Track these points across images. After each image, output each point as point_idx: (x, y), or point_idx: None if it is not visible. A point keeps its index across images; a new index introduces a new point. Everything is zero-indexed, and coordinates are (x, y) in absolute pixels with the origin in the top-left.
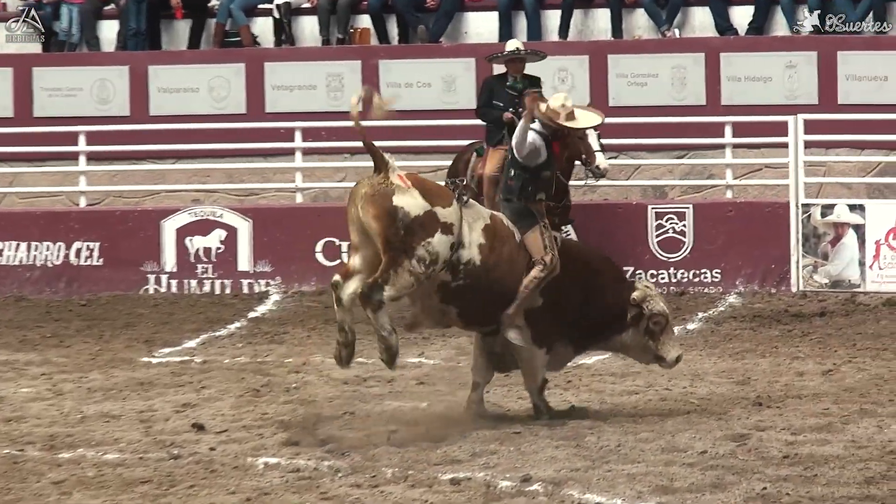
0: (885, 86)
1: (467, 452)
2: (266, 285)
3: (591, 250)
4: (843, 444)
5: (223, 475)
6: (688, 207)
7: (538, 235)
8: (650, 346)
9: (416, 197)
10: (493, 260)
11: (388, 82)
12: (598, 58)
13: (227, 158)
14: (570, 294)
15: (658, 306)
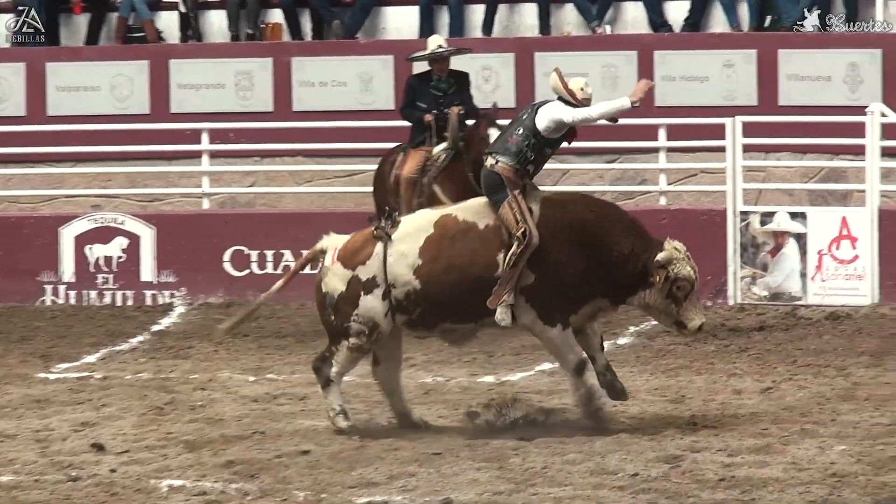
0: (828, 86)
1: (384, 475)
2: (170, 297)
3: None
4: (783, 466)
5: (125, 498)
6: None
7: (508, 210)
8: (672, 310)
9: (337, 270)
10: (439, 271)
11: (300, 81)
12: (524, 55)
13: (129, 162)
14: (569, 262)
15: (684, 270)
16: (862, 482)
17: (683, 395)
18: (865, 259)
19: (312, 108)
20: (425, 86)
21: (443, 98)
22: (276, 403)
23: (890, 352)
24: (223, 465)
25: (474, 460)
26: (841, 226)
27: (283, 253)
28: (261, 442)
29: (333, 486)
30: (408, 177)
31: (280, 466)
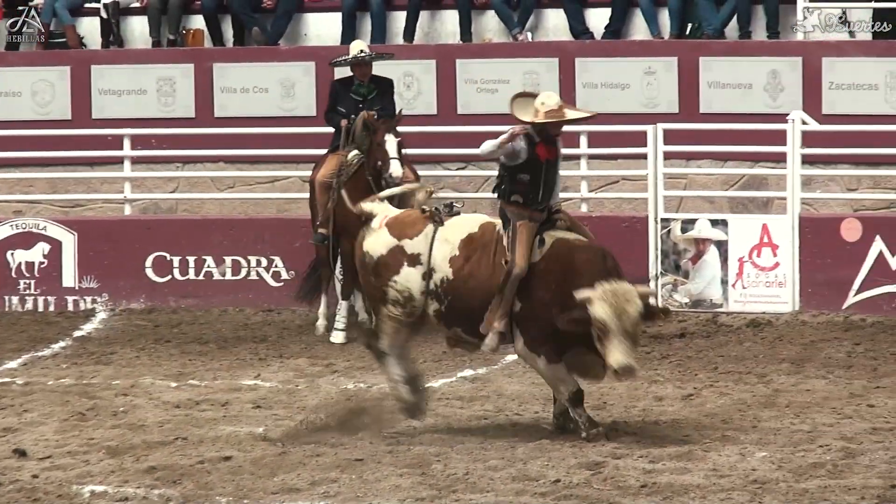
0: (748, 94)
1: (306, 480)
2: (92, 302)
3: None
4: (704, 472)
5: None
6: None
7: (507, 237)
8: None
9: (382, 236)
10: (467, 272)
11: (222, 87)
12: (445, 62)
13: (51, 167)
14: (556, 294)
15: (598, 312)
16: (783, 489)
17: (605, 402)
18: (786, 266)
19: (234, 115)
20: (347, 91)
21: (363, 103)
22: (198, 409)
23: (810, 359)
24: (145, 471)
25: (396, 466)
26: (762, 233)
27: (206, 259)
28: (183, 448)
29: (255, 491)
30: (321, 181)
31: (202, 472)
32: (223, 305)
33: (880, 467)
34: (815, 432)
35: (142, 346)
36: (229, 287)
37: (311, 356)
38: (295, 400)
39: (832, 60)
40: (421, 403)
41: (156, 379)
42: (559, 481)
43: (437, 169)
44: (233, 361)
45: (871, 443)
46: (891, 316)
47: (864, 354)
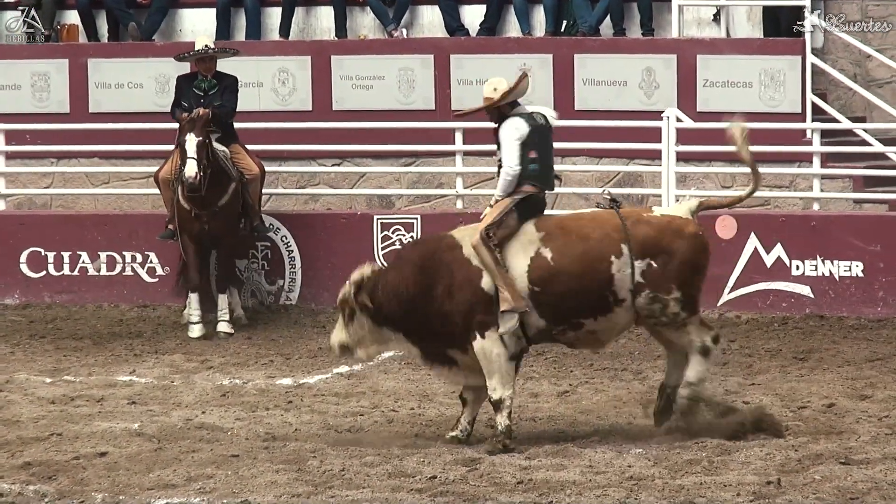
0: (623, 91)
1: (182, 476)
2: None
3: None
4: (580, 469)
5: None
6: (416, 218)
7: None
8: None
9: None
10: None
11: (97, 83)
12: (320, 58)
13: None
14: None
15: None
16: (659, 485)
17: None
18: None
19: (109, 110)
20: (190, 85)
21: (203, 98)
22: (74, 405)
23: None
24: (20, 467)
25: (272, 462)
26: None
27: (80, 254)
28: (58, 443)
29: (131, 487)
30: (163, 177)
31: (78, 468)
32: (98, 301)
33: (756, 464)
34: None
35: (16, 342)
36: (104, 283)
37: (186, 352)
38: (170, 396)
39: (706, 58)
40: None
41: (31, 374)
42: (435, 478)
43: (313, 165)
44: (108, 357)
45: (746, 440)
46: (765, 313)
47: (738, 351)
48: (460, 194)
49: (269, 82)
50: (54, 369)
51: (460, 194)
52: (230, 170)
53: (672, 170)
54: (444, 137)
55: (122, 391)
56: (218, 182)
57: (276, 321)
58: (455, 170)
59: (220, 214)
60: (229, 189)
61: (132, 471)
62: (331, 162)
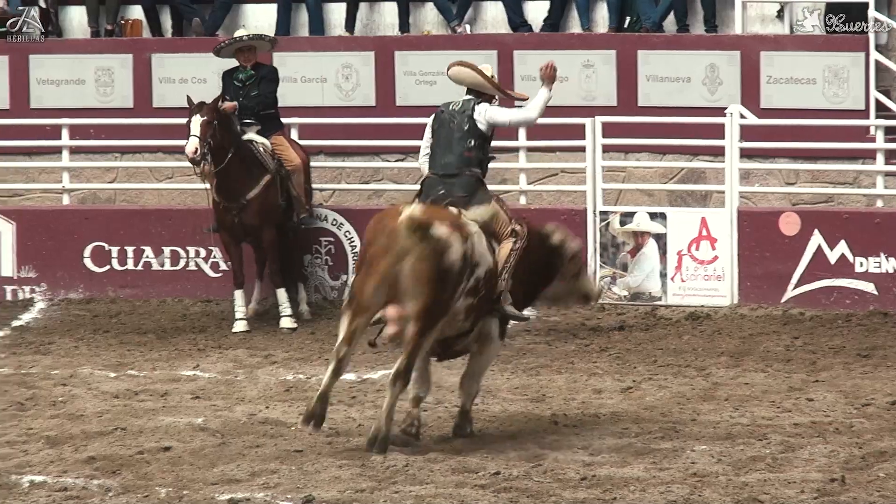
0: (687, 87)
1: (246, 471)
2: (31, 292)
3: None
4: (644, 465)
5: None
6: None
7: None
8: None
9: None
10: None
11: (160, 77)
12: (384, 54)
13: None
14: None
15: (574, 244)
16: (723, 482)
17: (544, 395)
18: (725, 260)
19: (173, 105)
20: (231, 78)
21: (242, 88)
22: (138, 400)
23: (749, 352)
24: (84, 461)
25: (336, 458)
26: (700, 226)
27: (144, 249)
28: (122, 438)
29: (195, 482)
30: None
31: (141, 463)
32: (162, 296)
33: (819, 461)
34: (755, 425)
35: (80, 336)
36: (168, 277)
37: (249, 347)
38: (234, 391)
39: (770, 54)
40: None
41: (95, 369)
42: (499, 473)
43: (376, 160)
44: (172, 352)
45: (810, 436)
46: (829, 310)
47: (802, 348)
48: (523, 190)
49: (332, 78)
50: (118, 364)
51: (523, 190)
52: (266, 161)
53: (736, 166)
54: (508, 133)
55: (185, 386)
56: (247, 174)
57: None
58: (518, 165)
59: (251, 207)
60: (261, 181)
61: (196, 465)
62: (394, 157)
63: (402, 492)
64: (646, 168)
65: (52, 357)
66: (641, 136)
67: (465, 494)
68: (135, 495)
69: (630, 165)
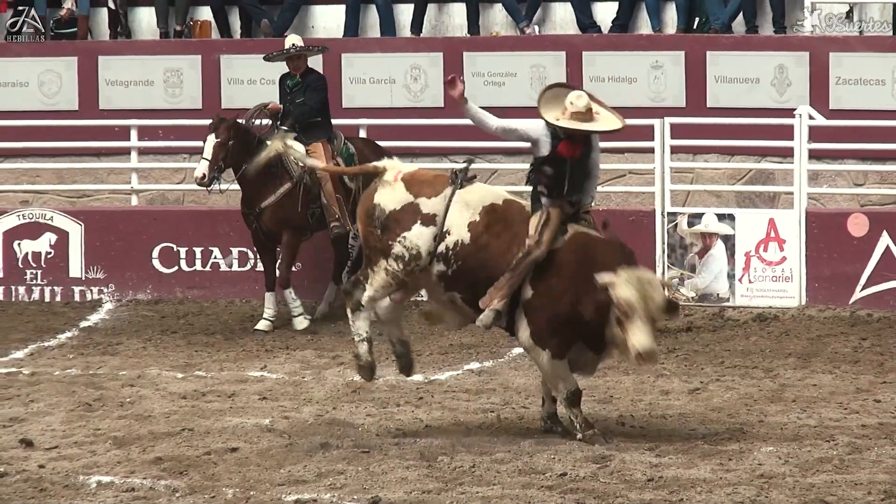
0: (755, 88)
1: (313, 472)
2: (99, 293)
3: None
4: (711, 467)
5: (53, 495)
6: None
7: (534, 219)
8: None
9: (397, 191)
10: (484, 240)
11: (229, 79)
12: (452, 55)
13: (58, 158)
14: (571, 284)
15: (624, 293)
16: (790, 483)
17: (611, 396)
18: (793, 261)
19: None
20: (284, 84)
21: (290, 95)
22: (205, 400)
23: (817, 353)
24: (152, 462)
25: (403, 459)
26: (769, 227)
27: (212, 250)
28: (189, 439)
29: (262, 483)
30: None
31: (209, 463)
32: (229, 297)
33: (887, 462)
34: (822, 427)
35: (148, 337)
36: (236, 278)
37: (317, 348)
38: (301, 392)
39: (839, 55)
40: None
41: (162, 370)
42: (565, 474)
43: (444, 162)
44: (239, 353)
45: (877, 438)
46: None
47: (870, 349)
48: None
49: (401, 79)
50: (186, 364)
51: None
52: (291, 169)
53: (804, 167)
54: None
55: (253, 387)
56: (266, 182)
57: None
58: None
59: (268, 214)
60: (279, 190)
61: (263, 466)
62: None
63: (469, 493)
64: (714, 169)
65: (119, 358)
66: (710, 137)
67: (531, 496)
68: (202, 496)
69: (698, 166)
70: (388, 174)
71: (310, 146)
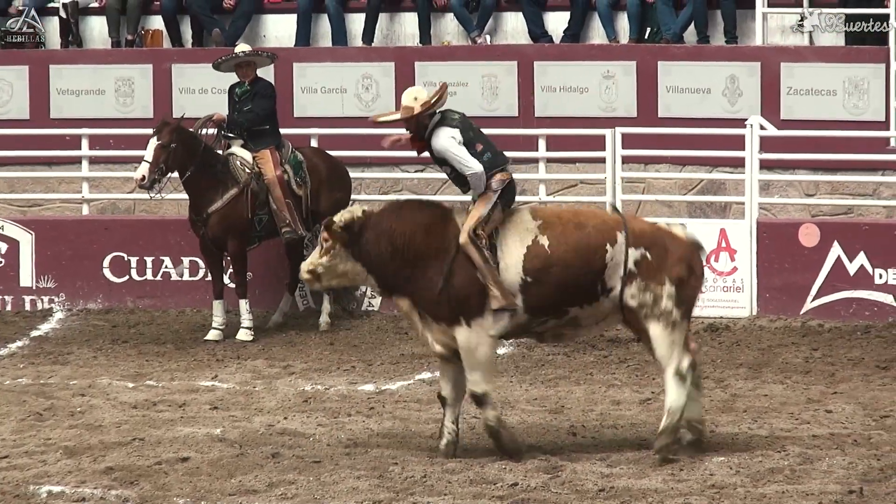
0: (707, 98)
1: (264, 482)
2: (50, 302)
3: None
4: (662, 477)
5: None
6: None
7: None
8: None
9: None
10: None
11: (181, 88)
12: (404, 65)
13: (8, 167)
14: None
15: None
16: (741, 493)
17: (563, 406)
18: (744, 271)
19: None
20: (233, 93)
21: (237, 103)
22: (156, 410)
23: (768, 364)
24: (103, 472)
25: (354, 469)
26: (720, 238)
27: (163, 259)
28: (140, 448)
29: (213, 493)
30: None
31: (160, 473)
32: (180, 306)
33: (838, 473)
34: (773, 437)
35: (99, 347)
36: (187, 288)
37: (268, 357)
38: (252, 401)
39: (790, 66)
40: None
41: (113, 379)
42: (517, 485)
43: (396, 171)
44: (190, 362)
45: (828, 448)
46: (848, 321)
47: (821, 360)
48: (543, 201)
49: (352, 88)
50: (136, 374)
51: (543, 201)
52: (238, 175)
53: (756, 177)
54: (528, 144)
55: (204, 396)
56: (212, 188)
57: (359, 327)
58: (538, 176)
59: (214, 219)
60: (225, 195)
61: (214, 476)
62: (414, 168)
63: (420, 503)
64: (665, 179)
65: (70, 367)
66: (661, 147)
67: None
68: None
69: (650, 176)
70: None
71: (258, 153)
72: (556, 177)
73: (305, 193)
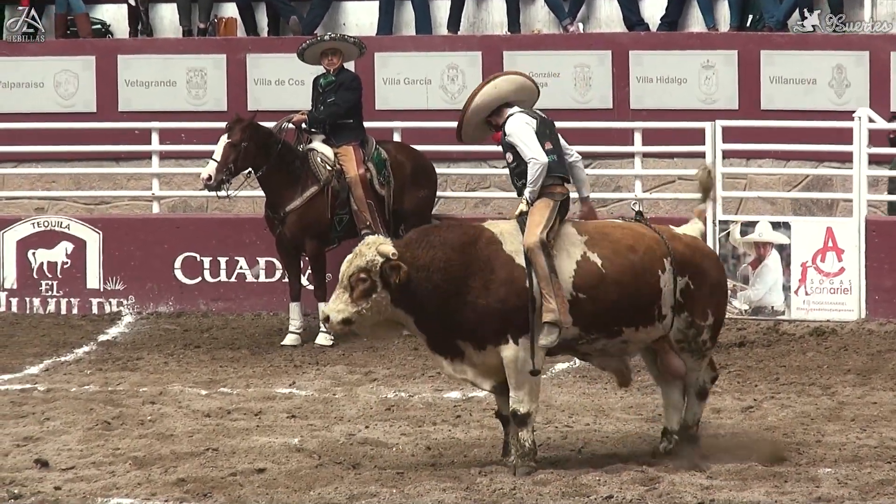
0: (812, 90)
1: (344, 495)
2: (118, 305)
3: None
4: (766, 489)
5: None
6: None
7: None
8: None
9: None
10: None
11: (256, 79)
12: (492, 54)
13: (74, 162)
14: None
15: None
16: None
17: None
18: (852, 272)
19: (268, 108)
20: (317, 84)
21: (322, 95)
22: (230, 419)
23: (877, 370)
24: (174, 484)
25: (439, 480)
26: (826, 237)
27: (238, 260)
28: (213, 459)
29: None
30: None
31: (234, 485)
32: (256, 309)
33: None
34: (883, 447)
35: (170, 352)
36: (263, 290)
37: (348, 363)
38: (332, 409)
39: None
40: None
41: (185, 386)
42: (612, 497)
43: (483, 167)
44: (266, 368)
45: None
46: None
47: None
48: (639, 198)
49: (437, 79)
50: (210, 381)
51: (639, 198)
52: (319, 172)
53: (864, 173)
54: (623, 138)
55: (281, 404)
56: (290, 185)
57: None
58: (633, 172)
59: (292, 218)
60: (304, 193)
61: (291, 488)
62: (502, 163)
63: None
64: (769, 175)
65: (140, 373)
66: (764, 141)
67: None
68: None
69: (752, 172)
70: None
71: (339, 149)
72: (653, 172)
73: (388, 193)
